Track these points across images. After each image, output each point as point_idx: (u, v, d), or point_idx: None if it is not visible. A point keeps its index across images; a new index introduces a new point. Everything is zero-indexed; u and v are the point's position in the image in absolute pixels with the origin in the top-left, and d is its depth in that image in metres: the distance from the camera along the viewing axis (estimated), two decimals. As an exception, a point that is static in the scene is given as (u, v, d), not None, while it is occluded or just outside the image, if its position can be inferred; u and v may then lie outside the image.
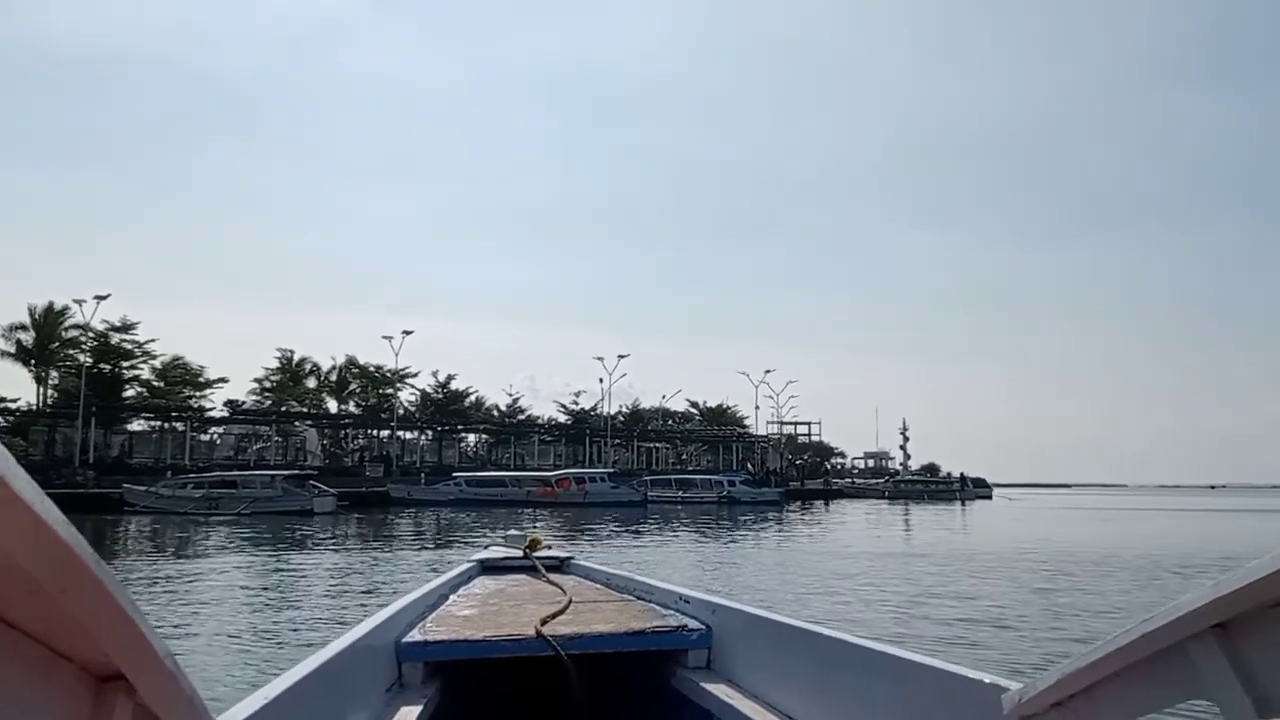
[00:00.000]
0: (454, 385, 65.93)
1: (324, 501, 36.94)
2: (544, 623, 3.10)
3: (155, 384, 55.83)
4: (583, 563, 4.68)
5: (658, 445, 78.54)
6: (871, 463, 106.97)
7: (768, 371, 78.69)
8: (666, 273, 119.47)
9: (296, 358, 64.61)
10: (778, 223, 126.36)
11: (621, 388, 70.65)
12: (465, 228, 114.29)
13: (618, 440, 71.31)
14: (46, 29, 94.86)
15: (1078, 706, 1.40)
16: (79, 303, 46.44)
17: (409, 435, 66.01)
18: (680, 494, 53.48)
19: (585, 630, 3.07)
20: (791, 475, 74.77)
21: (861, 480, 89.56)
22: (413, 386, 65.03)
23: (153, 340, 53.00)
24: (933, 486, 79.46)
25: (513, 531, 5.27)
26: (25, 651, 0.77)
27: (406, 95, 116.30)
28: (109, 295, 44.93)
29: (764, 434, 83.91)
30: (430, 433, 66.58)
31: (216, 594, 13.12)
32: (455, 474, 51.48)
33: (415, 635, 2.99)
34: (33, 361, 54.12)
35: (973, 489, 77.91)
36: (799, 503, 57.21)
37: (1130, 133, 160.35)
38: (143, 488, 38.65)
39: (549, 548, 4.90)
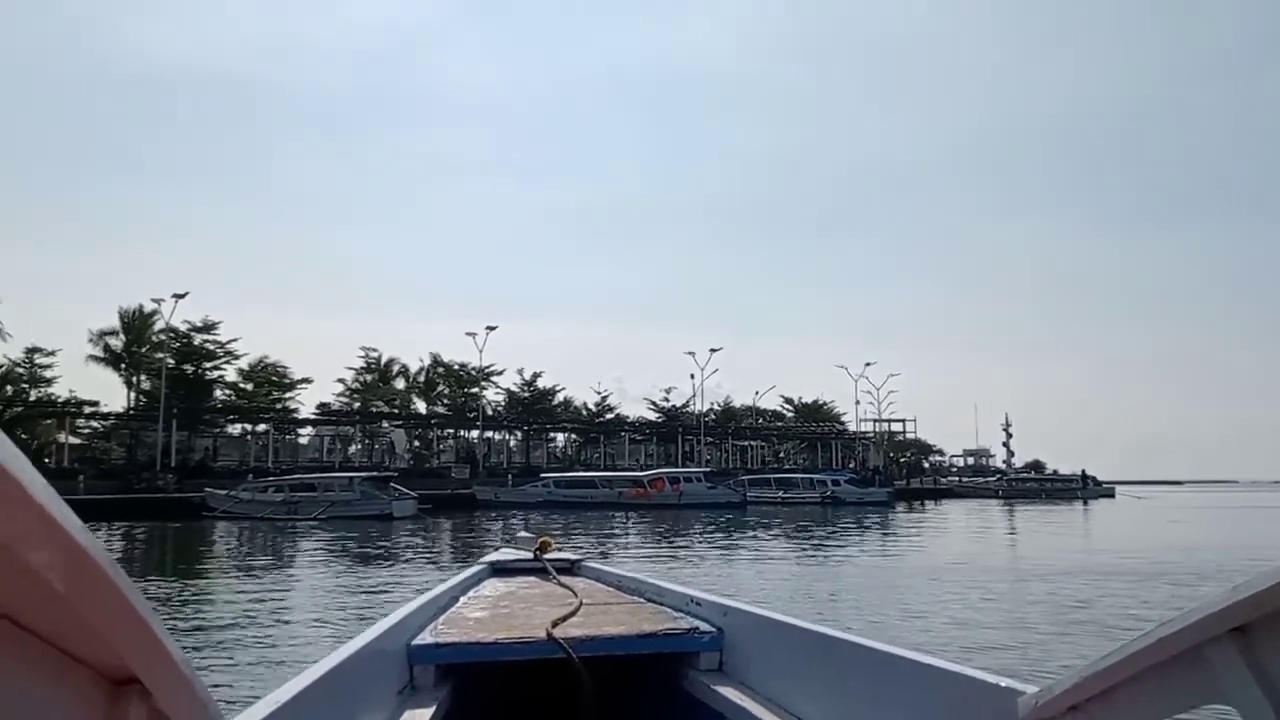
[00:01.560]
0: (540, 384, 63.55)
1: (404, 505, 34.65)
2: (555, 625, 3.07)
3: (241, 385, 54.93)
4: (594, 565, 4.64)
5: (752, 444, 74.94)
6: (971, 460, 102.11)
7: (868, 364, 74.26)
8: (754, 271, 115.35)
9: (385, 359, 63.47)
10: (864, 218, 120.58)
11: (709, 387, 67.30)
12: (551, 230, 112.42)
13: (710, 439, 67.97)
14: (143, 49, 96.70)
15: (1094, 710, 1.37)
16: (158, 302, 45.40)
17: (497, 436, 64.03)
18: (781, 494, 50.20)
19: (596, 632, 3.04)
20: (894, 474, 70.52)
21: (969, 479, 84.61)
22: (498, 385, 62.96)
23: (235, 340, 51.99)
24: (1048, 484, 74.00)
25: (523, 534, 5.22)
26: (40, 654, 0.77)
27: (491, 101, 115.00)
28: (187, 294, 43.80)
29: (860, 431, 79.47)
30: (518, 433, 64.45)
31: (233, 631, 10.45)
32: (543, 475, 49.01)
33: (426, 638, 2.98)
34: (123, 365, 53.86)
35: (1093, 487, 72.27)
36: (905, 503, 53.28)
37: (1218, 118, 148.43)
38: (223, 491, 37.16)
39: (559, 549, 4.87)
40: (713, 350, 62.54)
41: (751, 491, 48.19)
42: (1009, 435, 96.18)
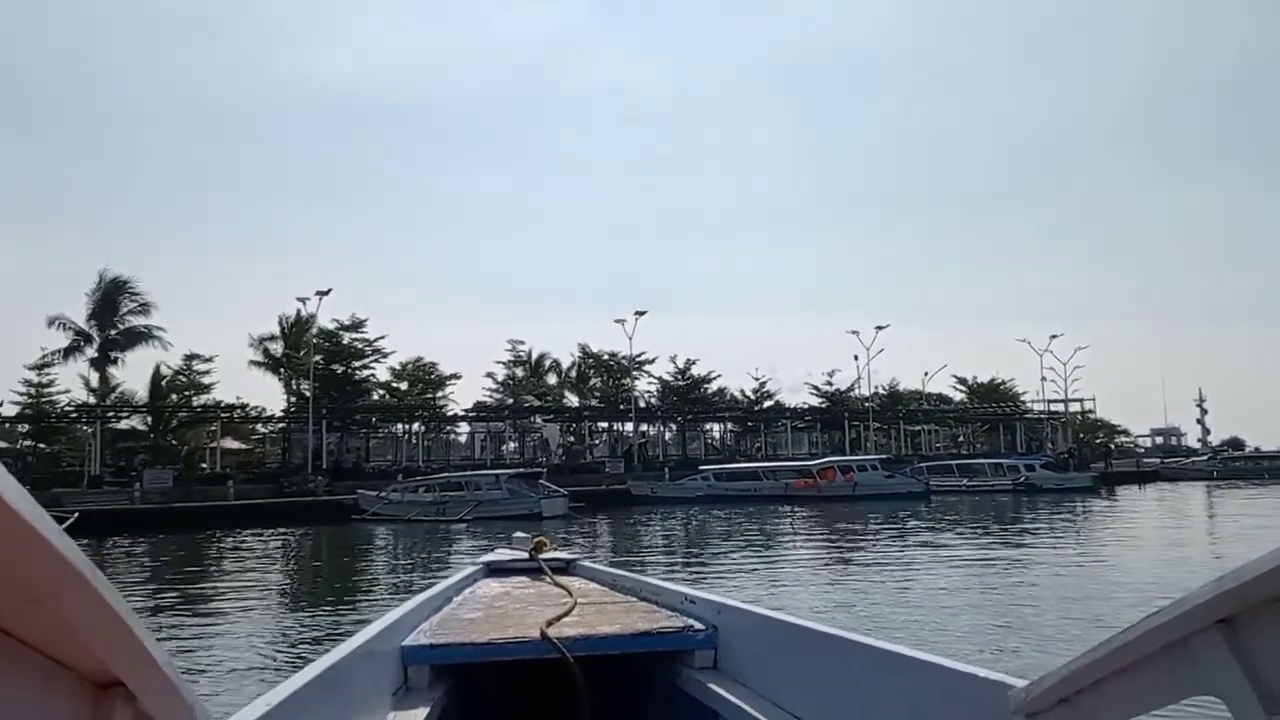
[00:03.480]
0: (694, 371, 60.25)
1: (553, 504, 32.09)
2: (549, 624, 3.08)
3: (394, 385, 54.45)
4: (588, 564, 4.68)
5: (926, 427, 69.25)
6: (1159, 440, 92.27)
7: (1053, 337, 66.93)
8: (911, 254, 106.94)
9: (535, 354, 62.02)
10: (1029, 192, 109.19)
11: (872, 369, 61.94)
12: (694, 224, 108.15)
13: (879, 424, 62.97)
14: (313, 78, 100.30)
15: (1084, 702, 1.40)
16: (302, 301, 44.79)
17: (651, 430, 61.34)
18: (965, 482, 45.16)
19: (591, 632, 3.06)
20: (1088, 457, 63.71)
21: (1171, 460, 75.82)
22: (650, 374, 60.14)
23: (382, 337, 51.30)
24: (1268, 463, 64.93)
25: (519, 534, 5.20)
26: (24, 660, 0.78)
27: (634, 101, 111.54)
28: (330, 291, 42.86)
29: (1049, 411, 72.27)
30: (671, 425, 61.52)
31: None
32: (702, 467, 45.83)
33: (421, 638, 3.00)
34: (282, 369, 54.45)
35: (1325, 464, 62.82)
36: (1107, 488, 47.28)
37: None
38: (374, 493, 35.92)
39: (554, 549, 4.86)
40: (879, 328, 57.50)
41: (932, 480, 43.56)
42: (1203, 412, 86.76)
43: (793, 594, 12.85)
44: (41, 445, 46.55)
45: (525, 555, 4.74)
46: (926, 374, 71.87)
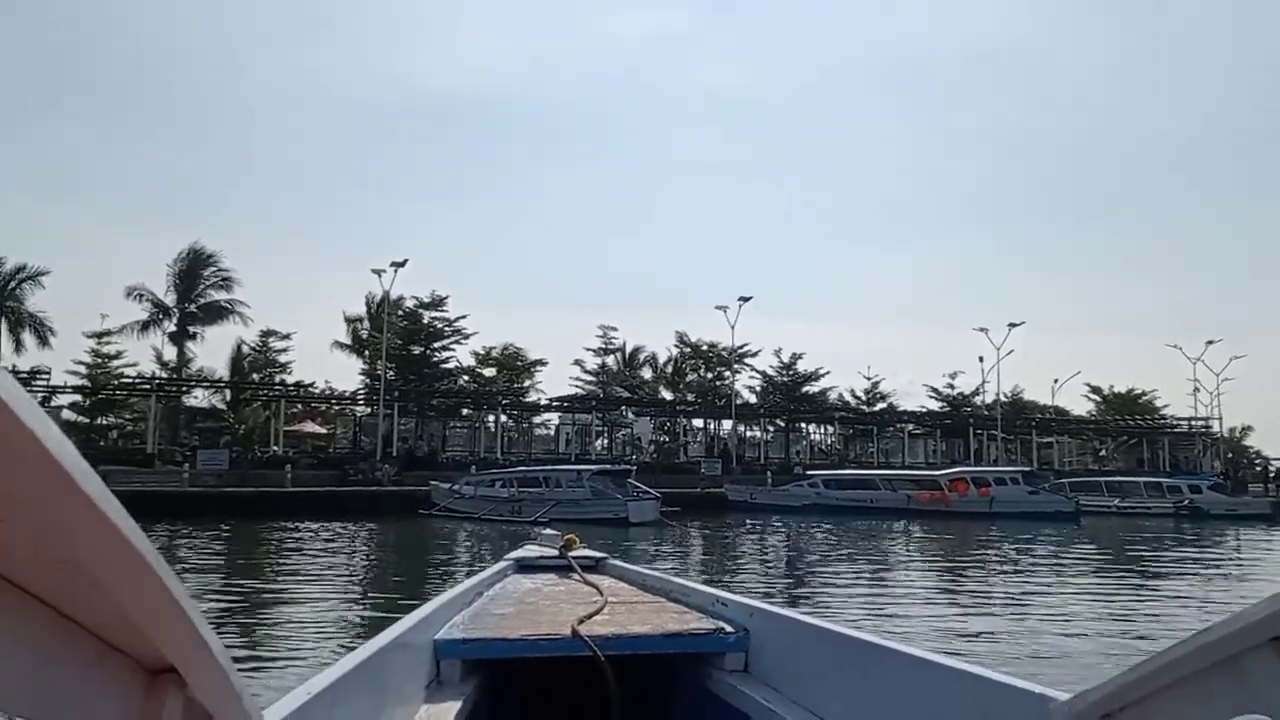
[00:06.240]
0: (800, 367, 55.23)
1: (642, 508, 27.63)
2: (580, 622, 3.09)
3: (478, 370, 51.22)
4: (618, 563, 4.69)
5: (1057, 439, 62.51)
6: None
7: (1210, 343, 59.13)
8: (1014, 261, 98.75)
9: (629, 346, 58.18)
10: (1132, 201, 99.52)
11: (986, 376, 55.75)
12: (797, 229, 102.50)
13: (1006, 435, 56.74)
14: (424, 78, 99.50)
15: (1128, 718, 1.37)
16: (377, 273, 41.05)
17: (749, 433, 56.66)
18: (1116, 502, 39.26)
19: (621, 631, 3.07)
20: (1246, 479, 56.46)
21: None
22: (752, 368, 55.40)
23: (464, 316, 47.73)
24: None
25: (548, 531, 5.27)
26: (81, 643, 0.78)
27: (739, 103, 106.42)
28: (405, 262, 39.21)
29: (1204, 428, 64.61)
30: (770, 427, 56.66)
31: None
32: (811, 472, 40.97)
33: (454, 633, 3.03)
34: (365, 352, 51.98)
35: None
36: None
37: None
38: (447, 485, 32.46)
39: (583, 547, 4.84)
40: (1011, 325, 51.03)
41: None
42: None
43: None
44: (103, 419, 44.73)
45: (555, 552, 4.73)
46: (1056, 381, 65.03)
